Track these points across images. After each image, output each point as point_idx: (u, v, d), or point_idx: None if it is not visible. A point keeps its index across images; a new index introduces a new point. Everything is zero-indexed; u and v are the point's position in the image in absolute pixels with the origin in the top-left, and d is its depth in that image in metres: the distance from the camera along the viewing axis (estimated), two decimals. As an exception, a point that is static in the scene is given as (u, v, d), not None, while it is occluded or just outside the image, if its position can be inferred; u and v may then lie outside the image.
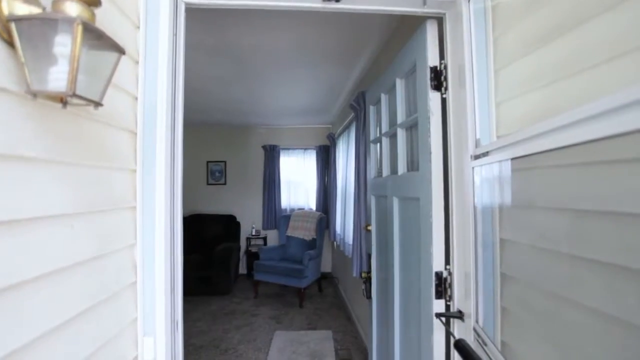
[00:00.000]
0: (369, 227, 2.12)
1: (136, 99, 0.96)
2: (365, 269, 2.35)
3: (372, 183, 2.07)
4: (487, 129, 1.02)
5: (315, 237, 4.49)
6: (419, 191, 1.33)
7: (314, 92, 3.59)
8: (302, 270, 3.90)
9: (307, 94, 3.67)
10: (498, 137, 0.99)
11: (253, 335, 3.23)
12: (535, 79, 0.84)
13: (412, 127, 1.52)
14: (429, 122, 1.24)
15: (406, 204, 1.53)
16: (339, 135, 4.16)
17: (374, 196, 2.05)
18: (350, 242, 3.06)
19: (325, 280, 4.99)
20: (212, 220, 5.14)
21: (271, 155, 5.41)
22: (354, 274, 2.53)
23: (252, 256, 5.07)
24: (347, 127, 3.58)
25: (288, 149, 5.53)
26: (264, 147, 5.44)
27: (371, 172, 2.11)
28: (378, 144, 2.05)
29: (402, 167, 1.58)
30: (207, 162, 5.50)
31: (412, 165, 1.53)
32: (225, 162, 5.51)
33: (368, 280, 2.08)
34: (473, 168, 0.96)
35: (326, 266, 5.44)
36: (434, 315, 1.19)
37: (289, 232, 4.69)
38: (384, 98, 1.85)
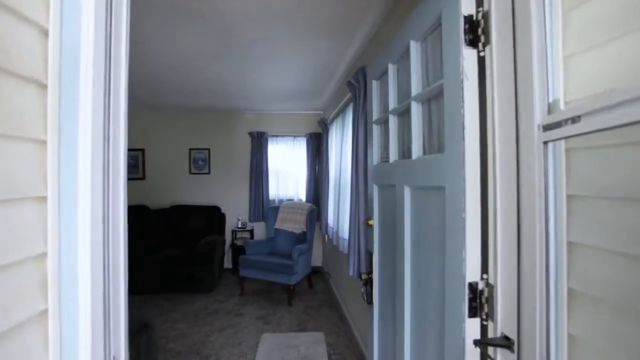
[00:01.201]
0: (370, 222, 1.83)
1: (47, 34, 0.63)
2: (364, 269, 2.08)
3: (375, 170, 1.78)
4: (551, 91, 0.73)
5: (305, 230, 4.20)
6: (444, 179, 1.04)
7: (305, 71, 3.26)
8: (291, 266, 3.62)
9: (298, 73, 3.33)
10: (566, 103, 0.71)
11: (238, 338, 2.95)
12: (629, 17, 0.56)
13: (433, 99, 1.23)
14: (462, 88, 0.94)
15: (423, 195, 1.25)
16: (332, 120, 3.85)
17: (377, 186, 1.76)
18: (346, 237, 2.79)
19: (315, 275, 4.73)
20: (195, 212, 4.79)
21: (258, 143, 5.07)
22: (351, 273, 2.26)
23: (237, 250, 4.76)
24: (342, 111, 3.27)
25: (277, 136, 5.19)
26: (250, 133, 5.09)
27: (373, 158, 1.82)
28: (382, 125, 1.76)
29: (417, 150, 1.29)
30: (190, 149, 5.12)
31: (432, 146, 1.24)
32: (209, 149, 5.14)
33: (369, 283, 1.81)
34: (546, 143, 0.67)
35: (317, 260, 5.18)
36: (465, 339, 0.92)
37: (278, 225, 4.39)
38: (392, 69, 1.55)
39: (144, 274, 3.99)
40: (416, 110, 1.30)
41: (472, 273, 0.94)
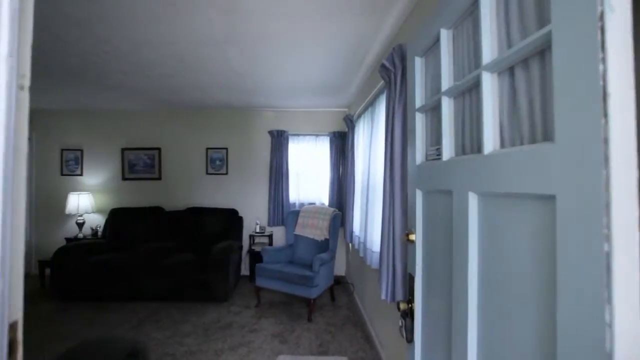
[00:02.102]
0: (410, 237, 1.44)
1: None
2: (402, 295, 1.68)
3: (419, 172, 1.39)
4: None
5: (327, 237, 3.84)
6: (554, 183, 0.65)
7: (330, 59, 2.90)
8: (311, 278, 3.26)
9: (322, 62, 2.97)
10: None
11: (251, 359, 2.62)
12: None
13: (521, 65, 0.83)
14: (601, 29, 0.55)
15: (502, 206, 0.85)
16: (359, 116, 3.47)
17: (421, 191, 1.37)
18: (376, 249, 2.40)
19: (338, 286, 4.35)
20: (211, 215, 4.53)
21: (279, 142, 4.75)
22: (383, 297, 1.86)
23: (255, 256, 4.46)
24: (371, 104, 2.88)
25: (298, 134, 4.86)
26: (270, 132, 4.78)
27: (416, 156, 1.43)
28: (428, 113, 1.37)
29: (491, 141, 0.90)
30: (207, 148, 4.88)
31: (519, 135, 0.84)
32: (226, 149, 4.88)
33: (409, 315, 1.41)
34: None
35: (339, 268, 4.80)
36: None
37: (298, 231, 4.05)
38: (445, 36, 1.16)
39: (155, 279, 3.75)
40: (490, 84, 0.91)
41: (623, 340, 0.53)
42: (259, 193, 4.89)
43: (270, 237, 4.68)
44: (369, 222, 2.64)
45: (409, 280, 1.51)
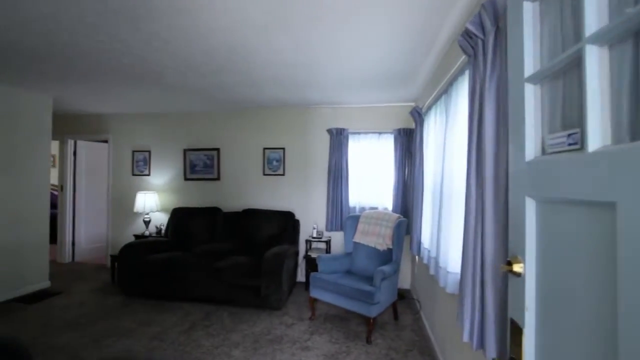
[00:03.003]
0: (515, 267, 0.97)
1: None
2: (495, 348, 1.20)
3: (531, 171, 0.92)
4: None
5: (391, 246, 3.38)
6: None
7: (392, 41, 2.47)
8: (372, 294, 2.85)
9: (385, 46, 2.55)
10: None
11: (299, 385, 2.30)
12: None
13: None
14: None
15: None
16: (430, 107, 2.97)
17: (534, 200, 0.91)
18: (452, 271, 1.91)
19: (402, 301, 3.85)
20: (267, 217, 4.37)
21: (338, 141, 4.42)
22: (465, 339, 1.39)
23: (311, 262, 4.18)
24: (445, 91, 2.38)
25: (359, 133, 4.47)
26: (329, 130, 4.47)
27: (525, 148, 0.96)
28: (546, 83, 0.90)
29: None
30: (264, 149, 4.75)
31: None
32: (284, 149, 4.70)
33: (513, 384, 0.95)
34: None
35: (404, 281, 4.30)
36: None
37: (357, 238, 3.66)
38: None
39: (209, 281, 3.67)
40: None
41: None
42: (317, 195, 4.61)
43: (327, 242, 4.37)
44: (442, 235, 2.15)
45: (512, 329, 1.03)
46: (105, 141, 5.40)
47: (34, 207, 4.07)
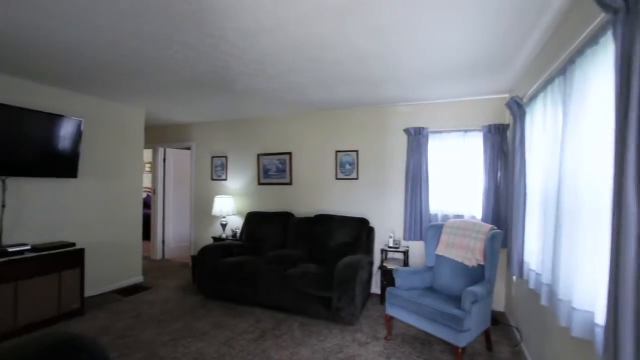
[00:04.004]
0: None
1: None
2: None
3: None
4: None
5: (482, 262, 2.87)
6: None
7: (483, 20, 2.03)
8: (460, 320, 2.40)
9: (473, 25, 2.13)
10: None
11: (374, 421, 2.00)
12: None
13: None
14: None
15: None
16: (534, 96, 2.42)
17: None
18: (579, 307, 1.42)
19: (496, 327, 3.26)
20: (340, 223, 4.14)
21: (416, 141, 4.00)
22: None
23: (387, 275, 3.83)
24: (562, 72, 1.85)
25: (440, 132, 3.99)
26: (406, 130, 4.08)
27: None
28: None
29: None
30: (337, 151, 4.55)
31: None
32: (357, 151, 4.43)
33: None
34: None
35: (497, 302, 3.67)
36: None
37: (441, 251, 3.21)
38: None
39: (279, 288, 3.58)
40: None
41: None
42: (393, 201, 4.24)
43: (405, 253, 3.96)
44: (561, 258, 1.64)
45: None
46: (189, 148, 5.80)
47: (130, 208, 4.49)
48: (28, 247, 3.19)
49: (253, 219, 4.67)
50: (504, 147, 3.58)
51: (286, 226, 4.46)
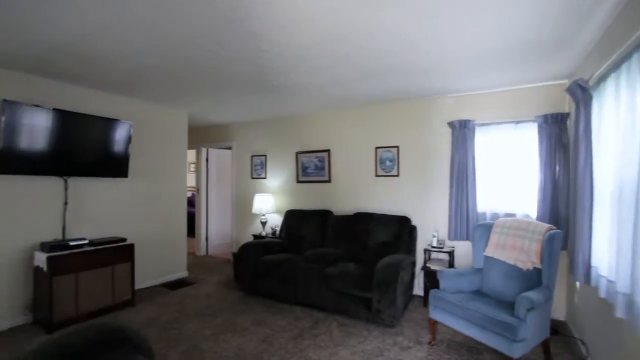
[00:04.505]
0: None
1: None
2: None
3: None
4: None
5: (539, 266, 2.60)
6: None
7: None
8: (514, 328, 2.18)
9: (524, 3, 1.91)
10: None
11: None
12: None
13: None
14: None
15: None
16: (605, 76, 2.13)
17: None
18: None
19: (556, 337, 2.95)
20: (380, 222, 4.00)
21: (461, 135, 3.75)
22: None
23: (431, 276, 3.63)
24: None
25: (488, 124, 3.71)
26: (450, 124, 3.84)
27: None
28: None
29: None
30: (376, 148, 4.41)
31: None
32: (397, 147, 4.26)
33: None
34: None
35: (556, 310, 3.33)
36: None
37: (490, 252, 2.96)
38: None
39: (318, 287, 3.53)
40: None
41: None
42: (437, 199, 4.02)
43: (450, 254, 3.73)
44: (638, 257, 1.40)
45: None
46: (230, 148, 5.95)
47: (175, 206, 4.69)
48: (86, 241, 3.43)
49: (292, 217, 4.67)
50: (563, 138, 3.23)
51: (325, 224, 4.40)
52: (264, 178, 5.42)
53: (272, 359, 2.60)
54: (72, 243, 3.29)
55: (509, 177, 3.58)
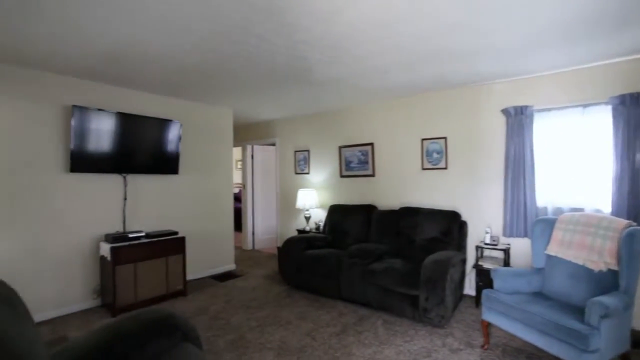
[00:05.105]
0: None
1: None
2: None
3: None
4: None
5: (614, 267, 2.29)
6: None
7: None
8: (585, 337, 1.93)
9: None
10: None
11: None
12: None
13: None
14: None
15: None
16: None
17: None
18: None
19: (638, 351, 2.58)
20: (427, 217, 3.82)
21: (518, 123, 3.44)
22: None
23: (483, 274, 3.38)
24: None
25: (549, 109, 3.35)
26: (505, 111, 3.54)
27: None
28: None
29: None
30: (422, 139, 4.20)
31: None
32: (445, 138, 4.02)
33: None
34: None
35: (638, 319, 2.92)
36: None
37: (554, 250, 2.68)
38: None
39: (362, 283, 3.45)
40: None
41: None
42: (490, 193, 3.73)
43: (505, 251, 3.44)
44: None
45: None
46: (273, 144, 6.06)
47: (222, 201, 4.88)
48: (143, 234, 3.68)
49: (335, 212, 4.63)
50: (643, 122, 2.82)
51: (369, 219, 4.30)
52: (307, 173, 5.44)
53: (315, 353, 2.58)
54: (130, 235, 3.55)
55: (575, 168, 3.21)
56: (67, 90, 3.39)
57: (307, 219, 5.01)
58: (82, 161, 3.40)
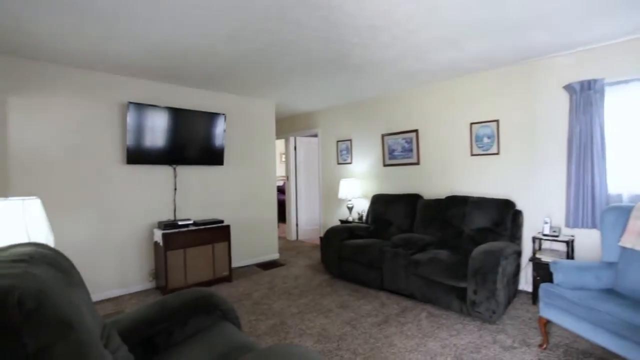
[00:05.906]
0: None
1: None
2: None
3: None
4: None
5: None
6: None
7: None
8: (667, 337, 1.66)
9: None
10: None
11: None
12: None
13: None
14: None
15: None
16: None
17: None
18: None
19: None
20: (477, 206, 3.56)
21: (584, 100, 3.05)
22: None
23: (541, 268, 3.08)
24: None
25: (625, 82, 2.94)
26: (568, 87, 3.16)
27: None
28: None
29: None
30: (471, 124, 3.92)
31: None
32: (497, 121, 3.71)
33: None
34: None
35: None
36: None
37: (629, 242, 2.34)
38: None
39: (406, 274, 3.32)
40: None
41: None
42: (549, 179, 3.38)
43: (568, 244, 3.10)
44: None
45: None
46: (315, 135, 6.05)
47: (265, 192, 4.98)
48: (191, 222, 3.88)
49: (378, 202, 4.51)
50: None
51: (414, 209, 4.13)
52: (350, 163, 5.36)
53: (355, 341, 2.53)
54: (180, 223, 3.76)
55: (656, 148, 2.78)
56: (121, 88, 3.67)
57: (350, 209, 4.95)
58: (136, 154, 3.65)
